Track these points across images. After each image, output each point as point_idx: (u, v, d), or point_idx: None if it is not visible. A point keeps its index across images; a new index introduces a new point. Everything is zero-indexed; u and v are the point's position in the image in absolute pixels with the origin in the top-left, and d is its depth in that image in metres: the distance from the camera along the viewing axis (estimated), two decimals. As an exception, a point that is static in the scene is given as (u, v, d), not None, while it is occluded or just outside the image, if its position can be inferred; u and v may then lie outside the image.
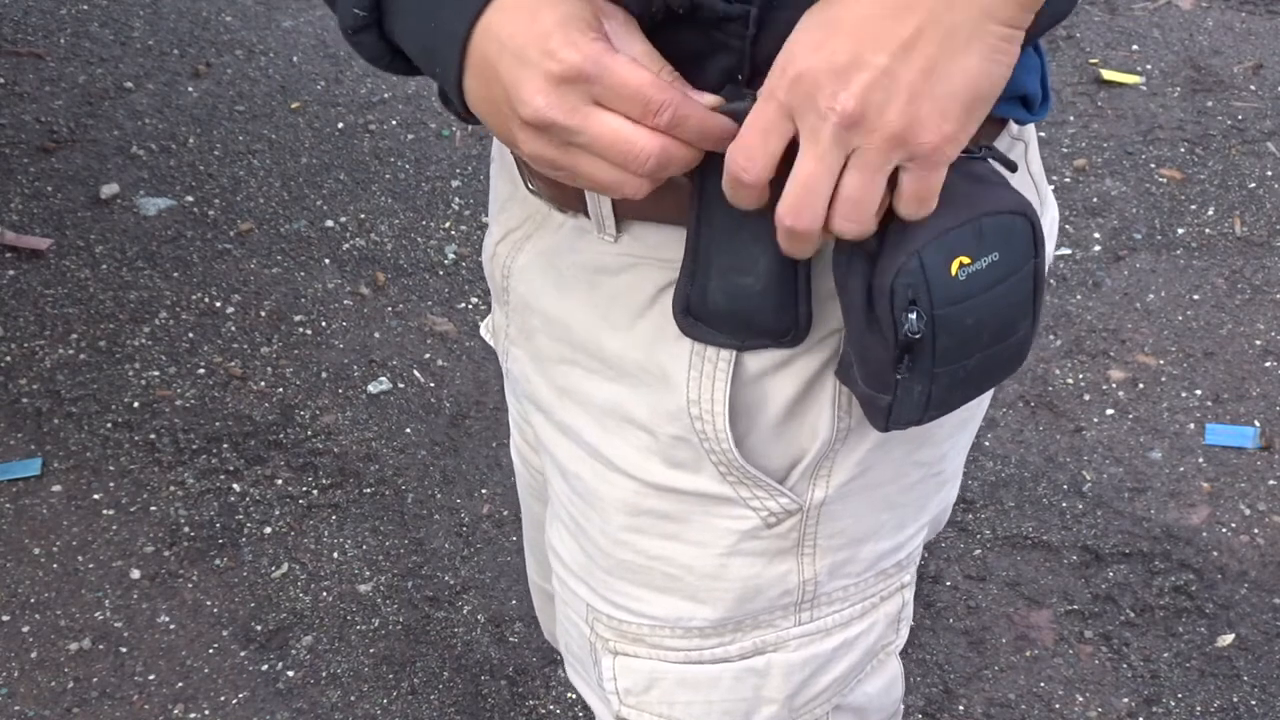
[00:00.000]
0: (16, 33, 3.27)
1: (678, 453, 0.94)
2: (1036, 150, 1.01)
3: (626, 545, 0.99)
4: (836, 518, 0.98)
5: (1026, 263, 0.84)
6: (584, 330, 0.95)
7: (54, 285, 2.64)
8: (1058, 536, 2.22)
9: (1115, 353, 2.52)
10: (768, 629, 1.01)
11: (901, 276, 0.80)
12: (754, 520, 0.96)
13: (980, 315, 0.83)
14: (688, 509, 0.96)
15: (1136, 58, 3.20)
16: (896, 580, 1.06)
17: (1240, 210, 2.79)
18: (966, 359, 0.85)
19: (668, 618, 1.00)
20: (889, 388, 0.85)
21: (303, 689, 2.04)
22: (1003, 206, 0.83)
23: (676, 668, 1.02)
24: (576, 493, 1.01)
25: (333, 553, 2.21)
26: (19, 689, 2.03)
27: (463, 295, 2.64)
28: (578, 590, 1.05)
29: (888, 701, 1.12)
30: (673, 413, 0.92)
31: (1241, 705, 2.01)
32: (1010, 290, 0.84)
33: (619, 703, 1.05)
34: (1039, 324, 0.89)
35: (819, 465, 0.95)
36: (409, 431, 2.39)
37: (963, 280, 0.82)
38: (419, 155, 2.95)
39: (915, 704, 2.01)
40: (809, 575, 0.99)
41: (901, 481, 1.00)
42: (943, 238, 0.81)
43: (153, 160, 2.92)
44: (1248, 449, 2.35)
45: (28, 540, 2.22)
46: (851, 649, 1.05)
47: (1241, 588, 2.14)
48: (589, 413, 0.97)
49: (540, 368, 1.00)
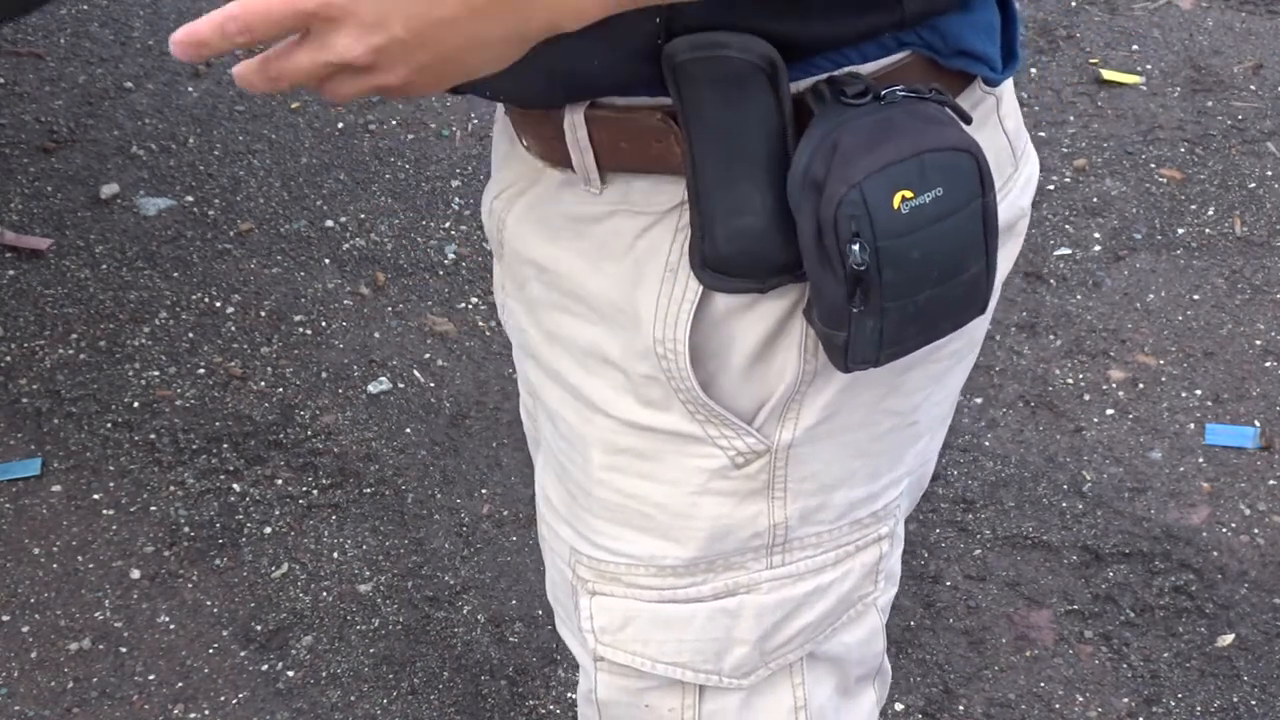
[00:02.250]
0: (16, 33, 3.27)
1: (649, 391, 0.97)
2: (1014, 106, 1.04)
3: (605, 484, 1.02)
4: (805, 461, 1.00)
5: (973, 200, 0.87)
6: (571, 275, 0.98)
7: (54, 285, 2.64)
8: (1058, 536, 2.22)
9: (1115, 353, 2.52)
10: (739, 570, 1.03)
11: (844, 207, 0.84)
12: (722, 459, 0.99)
13: (926, 250, 0.86)
14: (660, 447, 0.99)
15: (1136, 58, 3.20)
16: (873, 531, 1.07)
17: (1240, 210, 2.79)
18: (915, 294, 0.88)
19: (642, 556, 1.03)
20: (843, 324, 0.88)
21: (303, 689, 2.04)
22: (947, 143, 0.86)
23: (651, 606, 1.05)
24: (562, 435, 1.05)
25: (333, 553, 2.21)
26: (19, 689, 2.03)
27: (463, 295, 2.64)
28: (561, 532, 1.09)
29: (868, 654, 1.14)
30: (641, 351, 0.96)
31: (1241, 705, 2.01)
32: (956, 226, 0.87)
33: (595, 641, 1.08)
34: (995, 267, 0.92)
35: (786, 407, 0.97)
36: (409, 431, 2.39)
37: (906, 214, 0.85)
38: (419, 155, 2.95)
39: (915, 704, 2.01)
40: (779, 519, 1.02)
41: (872, 429, 1.02)
42: (885, 170, 0.84)
43: (153, 160, 2.92)
44: (1248, 449, 2.35)
45: (28, 540, 2.22)
46: (824, 595, 1.06)
47: (1241, 588, 2.14)
48: (572, 355, 1.00)
49: (532, 316, 1.04)
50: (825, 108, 0.87)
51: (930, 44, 0.91)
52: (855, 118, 0.86)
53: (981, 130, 0.95)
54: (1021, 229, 1.06)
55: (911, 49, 0.91)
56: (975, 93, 0.97)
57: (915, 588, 2.15)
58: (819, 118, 0.86)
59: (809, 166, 0.86)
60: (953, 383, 1.08)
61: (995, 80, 0.97)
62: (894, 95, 0.87)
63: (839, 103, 0.86)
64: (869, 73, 0.89)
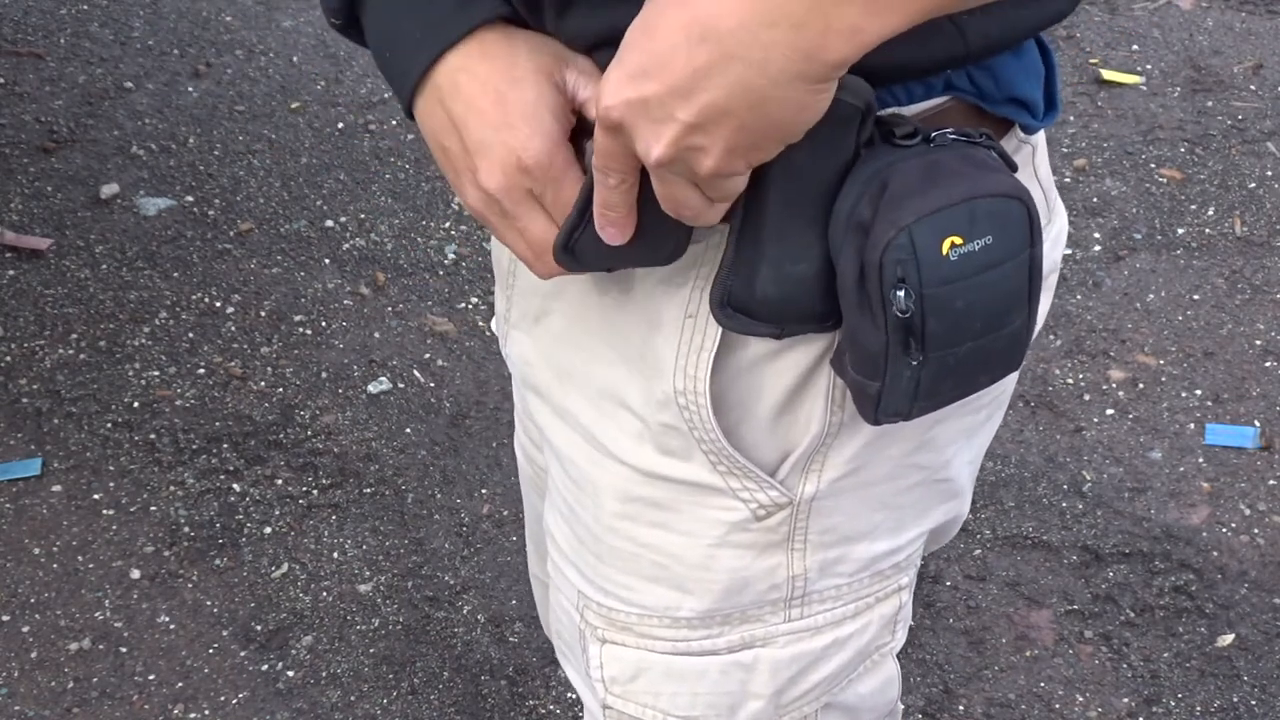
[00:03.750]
0: (16, 33, 3.27)
1: (669, 440, 0.94)
2: (1046, 158, 1.01)
3: (617, 532, 0.99)
4: (828, 514, 0.97)
5: (1022, 250, 0.84)
6: (592, 309, 0.95)
7: (54, 285, 2.64)
8: (1058, 536, 2.22)
9: (1115, 353, 2.52)
10: (756, 624, 1.01)
11: (891, 251, 0.80)
12: (743, 512, 0.96)
13: (971, 299, 0.83)
14: (678, 498, 0.96)
15: (1136, 58, 3.20)
16: (894, 582, 1.05)
17: (1240, 210, 2.79)
18: (956, 345, 0.84)
19: (655, 607, 1.00)
20: (878, 373, 0.84)
21: (303, 689, 2.04)
22: (999, 190, 0.83)
23: (663, 658, 1.02)
24: (572, 478, 1.02)
25: (333, 553, 2.21)
26: (19, 689, 2.03)
27: (463, 295, 2.64)
28: (570, 575, 1.06)
29: (881, 702, 1.12)
30: (661, 400, 0.93)
31: (1241, 705, 2.01)
32: (1003, 277, 0.84)
33: (605, 691, 1.05)
34: (1035, 323, 0.89)
35: (810, 459, 0.94)
36: (409, 431, 2.39)
37: (954, 260, 0.82)
38: (419, 155, 2.94)
39: (915, 704, 2.01)
40: (798, 570, 0.99)
41: (898, 482, 0.99)
42: (935, 215, 0.81)
43: (153, 160, 2.92)
44: (1248, 449, 2.35)
45: (28, 540, 2.22)
46: (843, 648, 1.04)
47: (1241, 588, 2.14)
48: (585, 395, 0.97)
49: (542, 350, 1.01)
50: (873, 149, 0.83)
51: (981, 87, 0.88)
52: (904, 159, 0.82)
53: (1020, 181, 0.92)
54: (1053, 283, 1.03)
55: (957, 94, 0.88)
56: (1013, 140, 0.94)
57: (915, 588, 2.15)
58: (866, 158, 0.83)
59: (855, 208, 0.82)
60: (982, 441, 1.05)
61: (1034, 128, 0.94)
62: (944, 138, 0.84)
63: (887, 144, 0.83)
64: (913, 114, 0.86)
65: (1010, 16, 0.86)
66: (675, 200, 0.80)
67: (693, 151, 0.76)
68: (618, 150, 0.78)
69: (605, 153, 0.79)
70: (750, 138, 0.76)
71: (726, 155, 0.76)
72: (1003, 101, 0.90)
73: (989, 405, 1.02)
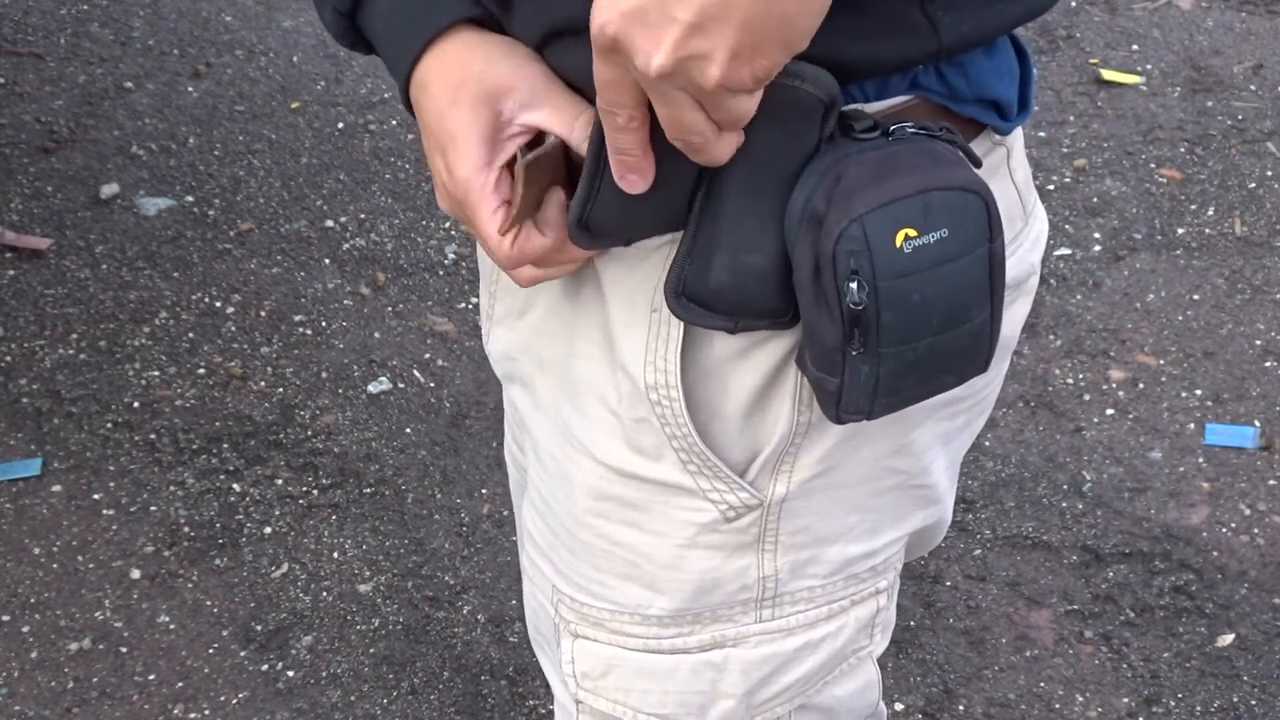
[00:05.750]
0: (16, 33, 3.27)
1: (641, 437, 0.94)
2: (1023, 159, 1.00)
3: (590, 528, 0.99)
4: (799, 515, 0.97)
5: (980, 245, 0.84)
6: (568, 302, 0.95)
7: (54, 285, 2.64)
8: (1058, 536, 2.22)
9: (1115, 353, 2.52)
10: (727, 624, 1.01)
11: (843, 243, 0.80)
12: (713, 513, 0.96)
13: (928, 293, 0.82)
14: (648, 497, 0.96)
15: (1136, 58, 3.20)
16: (870, 585, 1.04)
17: (1240, 210, 2.80)
18: (915, 341, 0.84)
19: (627, 604, 1.01)
20: (837, 368, 0.84)
21: (303, 689, 2.04)
22: (955, 183, 0.83)
23: (634, 655, 1.02)
24: (548, 472, 1.02)
25: (333, 553, 2.21)
26: (19, 689, 2.03)
27: (463, 295, 2.64)
28: (544, 569, 1.06)
29: (860, 705, 1.11)
30: (634, 395, 0.93)
31: (1241, 705, 2.01)
32: (961, 271, 0.83)
33: (576, 685, 1.06)
34: (999, 323, 0.88)
35: (780, 460, 0.94)
36: (409, 431, 2.39)
37: (908, 253, 0.81)
38: (419, 155, 2.94)
39: (915, 704, 2.01)
40: (769, 571, 0.99)
41: (873, 485, 0.98)
42: (888, 207, 0.81)
43: (153, 160, 2.92)
44: (1248, 449, 2.35)
45: (28, 540, 2.22)
46: (816, 650, 1.04)
47: (1241, 588, 2.14)
48: (563, 388, 0.98)
49: (523, 343, 1.01)
50: (833, 142, 0.83)
51: (952, 85, 0.88)
52: (860, 151, 0.83)
53: (991, 180, 0.92)
54: (1032, 287, 1.02)
55: (923, 93, 0.87)
56: (985, 143, 0.94)
57: (915, 588, 2.15)
58: (823, 152, 0.83)
59: (810, 199, 0.82)
60: (960, 445, 1.04)
61: (1005, 130, 0.94)
62: (903, 132, 0.84)
63: (846, 137, 0.83)
64: (875, 111, 0.86)
65: (984, 13, 0.86)
66: (680, 124, 0.77)
67: (695, 60, 0.73)
68: (618, 77, 0.76)
69: (606, 83, 0.77)
70: (754, 36, 0.73)
71: (731, 61, 0.73)
72: (971, 101, 0.90)
73: (967, 411, 1.02)
